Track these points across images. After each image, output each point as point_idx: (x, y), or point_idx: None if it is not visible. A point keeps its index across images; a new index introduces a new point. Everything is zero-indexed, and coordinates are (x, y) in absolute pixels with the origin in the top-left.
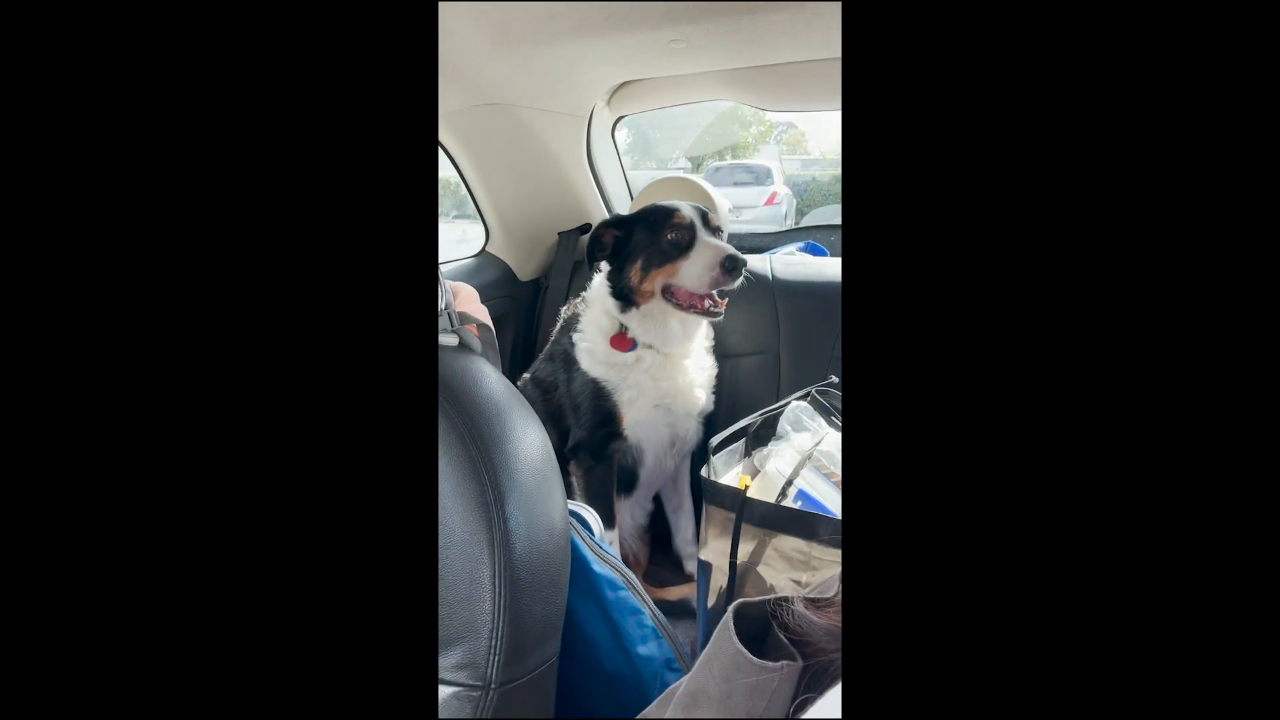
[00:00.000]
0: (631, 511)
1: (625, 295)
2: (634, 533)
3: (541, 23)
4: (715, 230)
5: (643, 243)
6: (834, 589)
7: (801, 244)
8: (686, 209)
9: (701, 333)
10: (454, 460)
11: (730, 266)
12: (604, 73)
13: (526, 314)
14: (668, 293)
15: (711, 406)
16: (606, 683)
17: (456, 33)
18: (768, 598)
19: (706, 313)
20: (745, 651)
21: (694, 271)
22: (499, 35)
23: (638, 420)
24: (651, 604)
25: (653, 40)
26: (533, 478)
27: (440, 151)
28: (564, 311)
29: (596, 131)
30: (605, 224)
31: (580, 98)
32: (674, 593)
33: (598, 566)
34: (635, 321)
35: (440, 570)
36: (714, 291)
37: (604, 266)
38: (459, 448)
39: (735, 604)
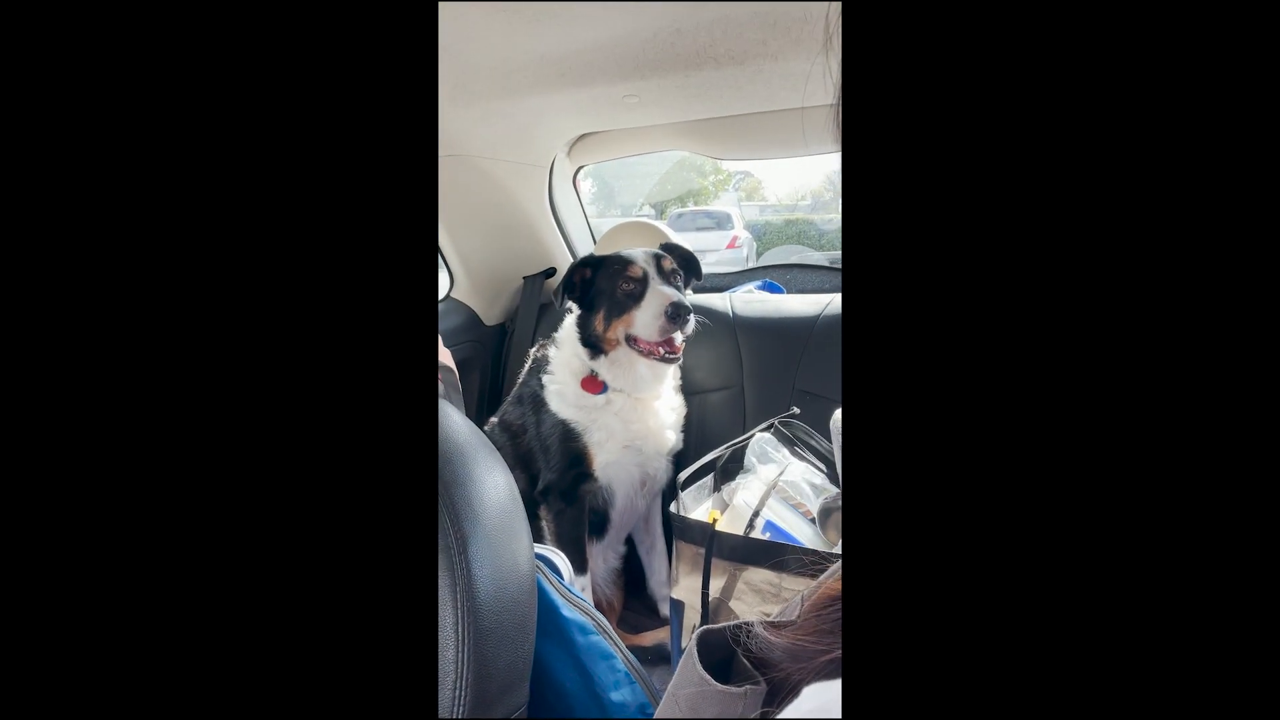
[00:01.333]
0: (604, 555)
1: (594, 344)
2: (607, 577)
3: (499, 79)
4: (671, 273)
5: (605, 291)
6: (794, 612)
7: (759, 282)
8: (641, 259)
9: (670, 374)
10: None
11: (673, 314)
12: (562, 126)
13: (493, 358)
14: (630, 340)
15: (681, 445)
16: None
17: None
18: (729, 624)
19: (664, 359)
20: (709, 678)
21: (645, 320)
22: (458, 90)
23: (608, 461)
24: (624, 648)
25: (607, 95)
26: (497, 520)
27: None
28: (533, 352)
29: (558, 180)
30: (579, 263)
31: (540, 149)
32: (649, 638)
33: (567, 611)
34: (605, 368)
35: None
36: (673, 336)
37: (574, 307)
38: None
39: (698, 631)
